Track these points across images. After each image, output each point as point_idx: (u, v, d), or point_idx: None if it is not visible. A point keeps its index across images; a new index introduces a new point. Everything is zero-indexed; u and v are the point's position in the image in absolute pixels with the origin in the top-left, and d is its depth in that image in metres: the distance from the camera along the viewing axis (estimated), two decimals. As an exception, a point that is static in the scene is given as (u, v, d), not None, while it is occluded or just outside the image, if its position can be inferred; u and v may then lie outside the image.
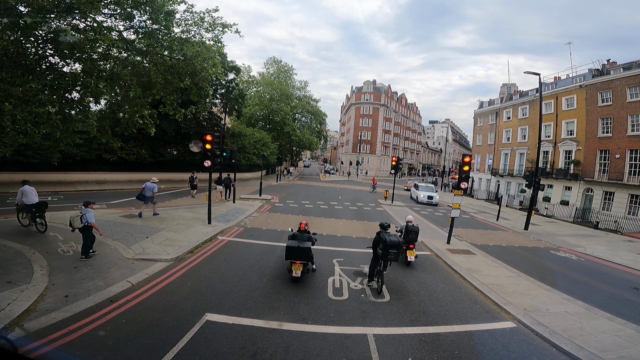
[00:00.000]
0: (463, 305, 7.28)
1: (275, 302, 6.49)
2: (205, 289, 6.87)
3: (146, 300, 6.18)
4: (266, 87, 44.30)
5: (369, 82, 66.03)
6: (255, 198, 19.37)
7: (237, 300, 6.46)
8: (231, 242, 10.58)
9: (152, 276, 7.31)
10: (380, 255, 7.19)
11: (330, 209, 18.24)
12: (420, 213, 20.31)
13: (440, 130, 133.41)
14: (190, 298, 6.42)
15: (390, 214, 18.43)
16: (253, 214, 15.01)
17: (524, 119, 30.94)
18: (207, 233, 10.90)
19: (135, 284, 6.83)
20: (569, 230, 19.83)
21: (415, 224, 9.92)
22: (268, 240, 10.88)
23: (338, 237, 12.16)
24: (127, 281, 6.89)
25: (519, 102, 31.73)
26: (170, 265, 8.08)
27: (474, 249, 12.30)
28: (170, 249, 9.12)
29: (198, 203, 16.51)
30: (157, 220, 12.07)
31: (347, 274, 8.43)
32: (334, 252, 10.24)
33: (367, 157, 64.31)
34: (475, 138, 38.87)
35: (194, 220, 12.47)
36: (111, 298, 6.08)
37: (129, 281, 6.90)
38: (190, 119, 23.84)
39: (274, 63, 50.92)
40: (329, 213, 17.06)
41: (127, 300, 6.07)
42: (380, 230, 7.77)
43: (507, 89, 63.68)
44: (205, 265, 8.35)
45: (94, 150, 22.47)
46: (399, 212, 19.73)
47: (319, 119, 52.53)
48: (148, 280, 7.10)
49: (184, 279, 7.36)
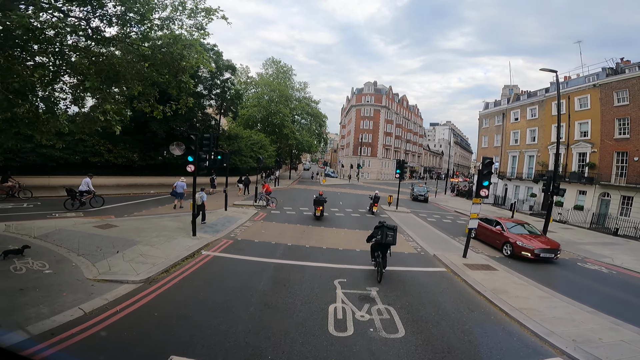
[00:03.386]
0: (496, 338, 5.92)
1: (261, 342, 5.09)
2: (175, 322, 5.49)
3: (96, 336, 4.86)
4: (264, 87, 43.08)
5: (369, 84, 64.88)
6: (249, 205, 17.97)
7: (214, 338, 5.08)
8: (216, 258, 9.18)
9: (112, 302, 5.95)
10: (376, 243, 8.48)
11: (331, 217, 16.84)
12: (427, 220, 18.91)
13: (441, 133, 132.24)
14: (155, 334, 5.06)
15: (395, 221, 17.00)
16: (245, 224, 13.61)
17: (533, 120, 29.61)
18: (189, 247, 9.51)
19: (89, 312, 5.48)
20: (587, 237, 18.48)
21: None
22: (259, 256, 9.47)
23: (340, 251, 10.75)
24: (80, 308, 5.53)
25: (528, 103, 30.42)
26: (138, 289, 6.71)
27: (493, 262, 10.91)
28: (142, 267, 7.74)
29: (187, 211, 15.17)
30: (134, 231, 10.69)
31: (352, 299, 7.03)
32: (336, 270, 8.83)
33: (368, 160, 62.96)
34: (481, 140, 37.54)
35: (177, 232, 11.08)
36: (52, 330, 4.75)
37: (82, 308, 5.53)
38: (183, 120, 22.56)
39: (273, 64, 49.81)
40: (329, 221, 15.66)
41: (71, 335, 4.75)
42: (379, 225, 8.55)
43: (509, 91, 62.41)
44: (180, 289, 6.96)
45: (79, 153, 21.19)
46: (404, 219, 18.32)
47: (319, 121, 51.20)
48: (106, 307, 5.74)
49: (151, 306, 5.98)
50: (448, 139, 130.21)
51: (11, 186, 15.18)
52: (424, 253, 11.45)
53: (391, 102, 67.10)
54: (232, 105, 28.59)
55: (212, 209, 15.72)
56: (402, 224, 16.40)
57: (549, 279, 9.65)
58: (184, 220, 12.73)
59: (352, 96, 69.69)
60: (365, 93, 64.41)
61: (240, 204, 18.05)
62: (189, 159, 9.96)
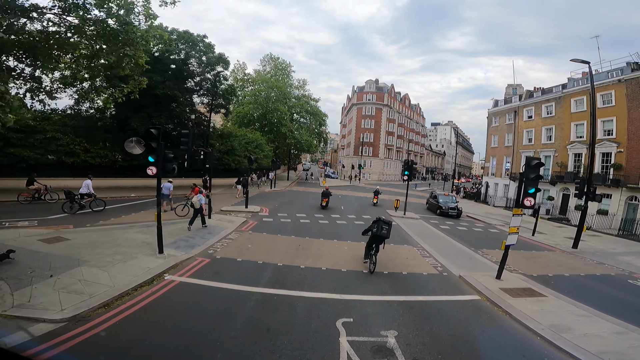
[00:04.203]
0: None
1: None
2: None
3: None
4: (262, 84, 40.96)
5: (371, 82, 62.83)
6: (239, 210, 15.83)
7: None
8: (182, 285, 7.06)
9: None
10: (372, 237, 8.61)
11: (331, 226, 14.67)
12: (440, 228, 16.76)
13: (443, 133, 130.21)
14: None
15: (406, 231, 14.87)
16: (230, 235, 11.46)
17: (549, 118, 27.50)
18: (148, 270, 7.39)
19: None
20: (619, 246, 16.42)
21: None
22: (240, 283, 7.34)
23: (343, 273, 8.60)
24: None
25: (543, 100, 28.32)
26: (55, 331, 4.78)
27: (535, 284, 8.83)
28: (75, 298, 5.71)
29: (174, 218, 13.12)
30: (87, 247, 8.57)
31: (362, 353, 4.93)
32: (339, 304, 6.70)
33: (370, 160, 60.84)
34: (490, 139, 35.42)
35: (141, 248, 8.96)
36: None
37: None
38: (168, 116, 20.45)
39: (271, 60, 47.75)
40: (329, 231, 13.48)
41: None
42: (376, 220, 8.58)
43: (512, 90, 60.35)
44: (116, 334, 4.89)
45: (52, 153, 19.13)
46: (415, 227, 16.18)
47: (318, 120, 49.01)
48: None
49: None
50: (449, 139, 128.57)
51: (37, 189, 14.67)
52: (447, 274, 9.32)
53: (393, 101, 65.03)
54: (224, 101, 26.44)
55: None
56: (414, 234, 14.26)
57: (609, 305, 7.58)
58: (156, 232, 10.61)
59: (353, 94, 67.63)
60: (367, 91, 62.35)
61: (229, 209, 15.91)
62: (150, 159, 7.84)
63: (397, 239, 13.20)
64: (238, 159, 26.35)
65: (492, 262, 10.93)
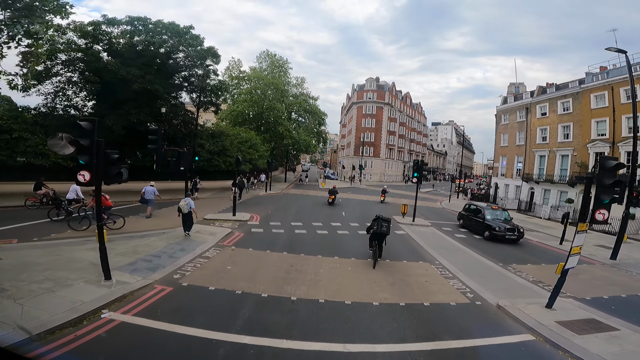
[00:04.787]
0: None
1: None
2: None
3: None
4: (258, 82, 38.94)
5: (371, 80, 60.88)
6: (224, 219, 13.75)
7: None
8: (122, 328, 5.05)
9: None
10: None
11: (331, 237, 12.55)
12: (456, 237, 14.73)
13: (444, 132, 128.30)
14: None
15: (418, 243, 12.83)
16: (208, 252, 9.41)
17: (566, 115, 25.51)
18: (81, 304, 5.38)
19: None
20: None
21: None
22: (206, 326, 5.29)
23: (347, 307, 6.56)
24: None
25: (558, 96, 26.33)
26: None
27: (596, 312, 7.03)
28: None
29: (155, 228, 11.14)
30: (15, 269, 6.57)
31: None
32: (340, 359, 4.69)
33: (371, 160, 58.82)
34: (500, 138, 33.43)
35: (84, 271, 6.92)
36: None
37: None
38: (148, 113, 18.43)
39: (268, 57, 45.79)
40: (329, 245, 11.35)
41: None
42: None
43: (514, 88, 58.55)
44: None
45: (20, 154, 17.16)
46: (427, 237, 14.13)
47: (317, 119, 46.98)
48: None
49: None
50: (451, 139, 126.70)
51: (45, 193, 13.87)
52: (481, 302, 7.31)
53: (394, 99, 63.10)
54: (214, 97, 24.38)
55: (169, 227, 11.58)
56: (428, 246, 12.19)
57: None
58: (118, 247, 8.60)
59: (352, 93, 65.69)
60: (367, 89, 60.39)
61: (214, 218, 13.83)
62: (81, 161, 5.80)
63: (409, 253, 11.19)
64: (230, 160, 24.30)
65: (530, 282, 9.00)
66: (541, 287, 8.75)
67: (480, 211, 15.80)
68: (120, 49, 20.57)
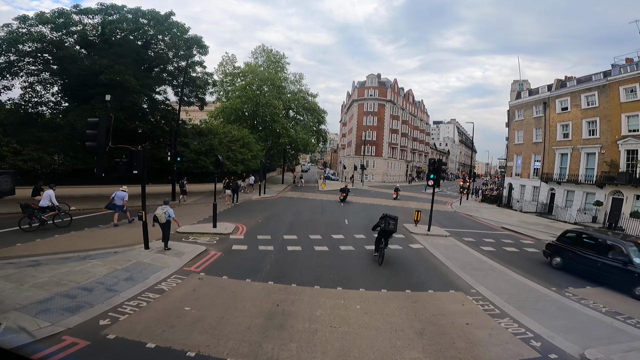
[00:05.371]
0: None
1: None
2: None
3: None
4: (252, 77, 36.48)
5: (372, 76, 58.43)
6: (201, 232, 11.27)
7: None
8: None
9: None
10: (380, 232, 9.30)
11: (332, 256, 9.97)
12: (482, 249, 12.25)
13: (446, 131, 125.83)
14: None
15: (441, 260, 10.34)
16: (165, 281, 6.95)
17: (591, 109, 23.02)
18: None
19: None
20: None
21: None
22: None
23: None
24: None
25: (582, 89, 23.82)
26: None
27: None
28: None
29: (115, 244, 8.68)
30: None
31: None
32: None
33: (373, 160, 56.36)
34: (513, 135, 30.90)
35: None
36: None
37: None
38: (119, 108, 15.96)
39: (263, 52, 43.22)
40: (330, 269, 8.76)
41: None
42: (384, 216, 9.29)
43: (518, 86, 56.11)
44: None
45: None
46: (449, 251, 11.66)
47: (317, 117, 44.43)
48: None
49: None
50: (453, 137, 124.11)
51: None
52: (558, 355, 4.95)
53: (397, 97, 60.60)
54: (199, 91, 21.83)
55: (126, 244, 9.16)
56: (455, 266, 9.63)
57: None
58: (43, 273, 6.18)
59: (353, 90, 63.19)
60: (369, 86, 57.91)
61: (189, 231, 11.30)
62: None
63: (434, 277, 8.71)
64: (219, 161, 21.89)
65: (605, 315, 6.76)
66: (623, 322, 6.49)
67: (611, 248, 8.97)
68: (94, 40, 18.26)
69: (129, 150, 8.20)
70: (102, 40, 18.11)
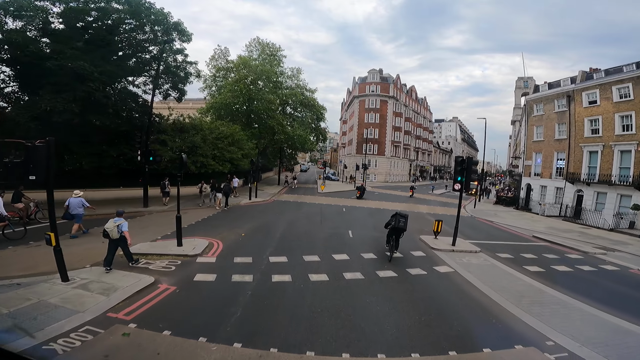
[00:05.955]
0: None
1: None
2: None
3: None
4: (246, 70, 33.71)
5: (374, 71, 55.73)
6: (161, 253, 8.56)
7: None
8: None
9: None
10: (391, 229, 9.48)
11: (333, 291, 7.12)
12: (524, 268, 9.54)
13: (448, 129, 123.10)
14: None
15: (482, 291, 7.66)
16: (74, 333, 4.24)
17: (625, 103, 20.34)
18: None
19: None
20: None
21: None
22: None
23: None
24: None
25: (612, 81, 21.15)
26: None
27: None
28: None
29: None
30: None
31: None
32: None
33: (375, 159, 53.69)
34: (532, 131, 28.17)
35: None
36: None
37: None
38: (70, 98, 13.20)
39: (259, 45, 40.59)
40: (330, 314, 6.02)
41: None
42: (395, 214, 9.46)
43: (523, 83, 53.71)
44: None
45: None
46: (489, 275, 8.97)
47: (316, 113, 41.66)
48: None
49: None
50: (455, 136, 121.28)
51: (24, 208, 11.29)
52: None
53: (399, 93, 57.91)
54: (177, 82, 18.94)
55: (43, 271, 6.47)
56: (508, 301, 6.89)
57: None
58: None
59: (354, 86, 60.48)
60: (370, 82, 55.22)
61: (144, 251, 8.57)
62: None
63: (481, 323, 5.97)
64: (202, 161, 19.17)
65: None
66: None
67: None
68: (57, 29, 15.61)
69: (23, 145, 5.48)
70: (68, 27, 15.52)
